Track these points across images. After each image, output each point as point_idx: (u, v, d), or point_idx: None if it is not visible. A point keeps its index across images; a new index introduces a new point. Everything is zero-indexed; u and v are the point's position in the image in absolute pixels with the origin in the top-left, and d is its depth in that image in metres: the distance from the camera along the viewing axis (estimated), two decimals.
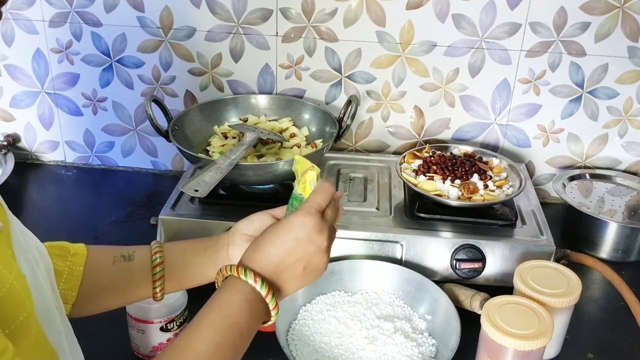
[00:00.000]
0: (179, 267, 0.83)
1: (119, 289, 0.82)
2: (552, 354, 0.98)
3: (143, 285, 0.82)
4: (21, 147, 1.47)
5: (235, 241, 0.84)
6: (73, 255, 0.79)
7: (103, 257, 0.82)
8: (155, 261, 0.82)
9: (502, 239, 1.07)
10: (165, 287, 0.83)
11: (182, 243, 0.87)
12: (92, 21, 1.33)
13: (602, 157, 1.35)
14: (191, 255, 0.85)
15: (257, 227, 0.84)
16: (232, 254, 0.84)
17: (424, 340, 0.96)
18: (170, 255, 0.83)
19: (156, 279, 0.82)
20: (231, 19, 1.30)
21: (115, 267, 0.81)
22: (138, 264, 0.82)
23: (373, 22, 1.27)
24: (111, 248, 0.84)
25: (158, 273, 0.82)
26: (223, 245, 0.84)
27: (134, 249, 0.83)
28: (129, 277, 0.82)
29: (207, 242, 0.86)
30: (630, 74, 1.26)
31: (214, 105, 1.33)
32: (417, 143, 1.39)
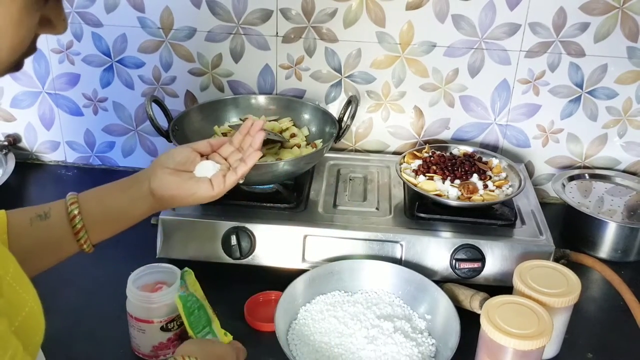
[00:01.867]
0: (99, 215, 0.82)
1: (44, 248, 0.81)
2: (551, 354, 0.98)
3: (67, 240, 0.81)
4: (22, 147, 1.48)
5: (156, 174, 0.84)
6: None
7: (20, 220, 0.79)
8: (72, 213, 0.80)
9: (501, 238, 1.07)
10: (91, 238, 0.82)
11: (98, 190, 0.86)
12: (92, 21, 1.33)
13: (601, 157, 1.36)
14: (109, 200, 0.84)
15: (178, 159, 0.86)
16: (155, 187, 0.84)
17: (423, 340, 0.96)
18: (87, 204, 0.82)
19: (77, 231, 0.81)
20: (231, 20, 1.30)
21: (33, 227, 0.79)
22: (55, 221, 0.81)
23: (373, 22, 1.27)
24: (27, 209, 0.82)
25: (78, 224, 0.80)
26: (143, 181, 0.84)
27: (49, 206, 0.82)
28: (49, 235, 0.80)
29: (125, 183, 0.86)
30: (630, 74, 1.27)
31: (214, 105, 1.33)
32: (417, 143, 1.39)
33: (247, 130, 0.94)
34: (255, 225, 1.08)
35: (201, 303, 0.91)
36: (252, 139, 0.93)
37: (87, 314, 1.04)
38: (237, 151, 0.94)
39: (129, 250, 1.17)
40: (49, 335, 1.02)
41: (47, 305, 1.06)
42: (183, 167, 0.87)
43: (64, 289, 1.09)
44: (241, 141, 0.94)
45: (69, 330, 1.00)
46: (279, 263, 1.09)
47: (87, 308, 1.05)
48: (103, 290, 1.08)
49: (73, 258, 1.16)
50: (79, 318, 1.03)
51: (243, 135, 0.95)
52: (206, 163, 0.90)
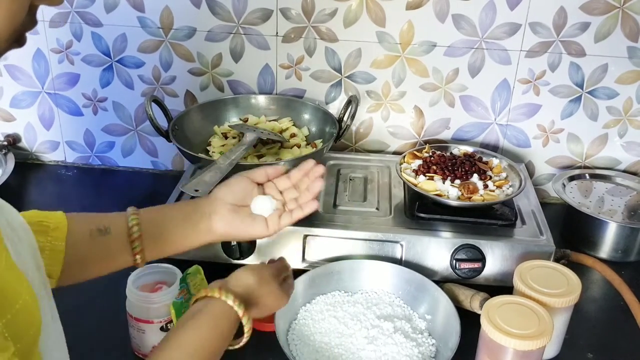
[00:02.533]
0: (158, 238, 0.83)
1: (99, 261, 0.82)
2: (551, 354, 0.98)
3: (122, 256, 0.82)
4: (21, 147, 1.48)
5: (217, 211, 0.84)
6: (54, 230, 0.78)
7: (81, 231, 0.80)
8: (133, 235, 0.81)
9: (502, 239, 1.07)
10: (146, 256, 0.82)
11: (160, 211, 0.86)
12: (92, 21, 1.33)
13: (601, 157, 1.35)
14: (171, 226, 0.84)
15: (238, 193, 0.85)
16: (216, 226, 0.84)
17: (423, 340, 0.96)
18: (148, 226, 0.82)
19: (136, 252, 0.81)
20: (231, 19, 1.30)
21: (92, 241, 0.80)
22: (115, 237, 0.81)
23: (373, 22, 1.27)
24: (87, 220, 0.82)
25: (137, 247, 0.81)
26: (204, 215, 0.84)
27: (109, 221, 0.82)
28: (107, 250, 0.81)
29: (185, 209, 0.85)
30: (630, 74, 1.27)
31: (214, 105, 1.33)
32: (417, 143, 1.39)
33: (307, 172, 0.90)
34: None
35: None
36: (310, 182, 0.89)
37: (87, 314, 1.03)
38: (293, 188, 0.90)
39: None
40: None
41: None
42: (242, 202, 0.86)
43: (63, 289, 1.08)
44: (299, 179, 0.90)
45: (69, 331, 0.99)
46: None
47: (87, 308, 1.05)
48: (103, 291, 1.07)
49: None
50: (79, 318, 1.02)
51: (301, 174, 0.90)
52: (264, 199, 0.87)
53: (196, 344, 0.68)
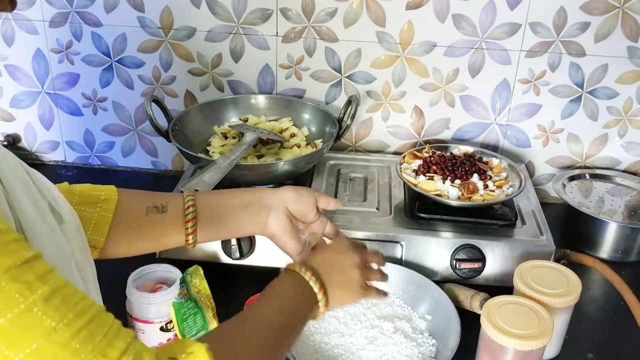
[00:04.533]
0: (214, 221, 0.84)
1: (150, 237, 0.83)
2: (552, 354, 0.98)
3: (175, 235, 0.82)
4: (21, 147, 1.48)
5: (277, 212, 0.85)
6: (103, 201, 0.79)
7: (135, 207, 0.81)
8: (189, 215, 0.82)
9: (502, 239, 1.07)
10: (198, 238, 0.83)
11: (218, 196, 0.87)
12: (92, 21, 1.33)
13: (602, 157, 1.35)
14: (228, 211, 0.85)
15: (302, 209, 0.86)
16: (272, 224, 0.85)
17: (424, 340, 0.96)
18: (205, 208, 0.83)
19: (189, 232, 0.82)
20: (231, 19, 1.30)
21: (147, 218, 0.81)
22: (171, 215, 0.82)
23: (373, 22, 1.27)
24: (143, 196, 0.83)
25: (190, 227, 0.82)
26: (264, 208, 0.85)
27: (167, 199, 0.83)
28: (161, 228, 0.82)
29: (246, 198, 0.86)
30: (630, 74, 1.26)
31: (214, 105, 1.33)
32: (417, 143, 1.39)
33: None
34: None
35: (198, 308, 0.91)
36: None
37: None
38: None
39: None
40: None
41: None
42: (298, 215, 0.87)
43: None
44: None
45: None
46: (279, 263, 1.08)
47: None
48: (103, 291, 1.07)
49: None
50: None
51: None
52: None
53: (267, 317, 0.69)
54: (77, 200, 0.77)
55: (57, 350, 0.47)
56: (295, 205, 0.86)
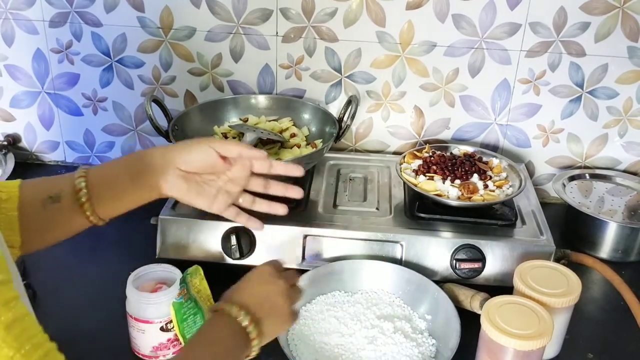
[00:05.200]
0: (108, 198, 0.82)
1: (55, 228, 0.81)
2: (552, 354, 0.98)
3: (77, 219, 0.81)
4: (21, 147, 1.47)
5: (167, 176, 0.83)
6: (5, 200, 0.78)
7: (33, 202, 0.80)
8: (82, 199, 0.80)
9: (502, 239, 1.07)
10: (100, 212, 0.82)
11: (109, 169, 0.85)
12: (92, 21, 1.33)
13: (602, 157, 1.35)
14: (120, 184, 0.83)
15: (194, 165, 0.84)
16: (165, 189, 0.83)
17: (424, 340, 0.96)
18: (96, 187, 0.81)
19: (88, 215, 0.80)
20: (231, 19, 1.30)
21: (46, 210, 0.80)
22: (66, 203, 0.80)
23: (373, 22, 1.27)
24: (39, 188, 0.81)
25: (82, 197, 0.80)
26: (153, 174, 0.83)
27: (60, 187, 0.81)
28: (62, 217, 0.81)
29: (134, 167, 0.84)
30: (630, 74, 1.26)
31: (214, 105, 1.33)
32: (417, 143, 1.39)
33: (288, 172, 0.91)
34: None
35: (198, 308, 0.91)
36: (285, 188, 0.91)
37: (86, 314, 1.03)
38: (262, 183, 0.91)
39: (128, 250, 1.17)
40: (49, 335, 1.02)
41: (47, 306, 1.06)
42: (197, 170, 0.85)
43: (63, 290, 1.08)
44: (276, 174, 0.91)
45: (69, 331, 0.99)
46: None
47: (87, 308, 1.05)
48: (103, 291, 1.07)
49: (72, 258, 1.17)
50: (79, 318, 1.02)
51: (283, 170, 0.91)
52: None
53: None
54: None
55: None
56: (187, 165, 0.83)
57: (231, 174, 0.87)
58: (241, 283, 0.81)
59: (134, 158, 0.86)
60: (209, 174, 0.86)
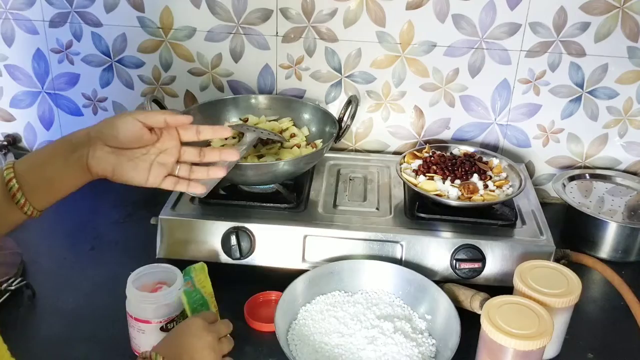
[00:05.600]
0: (40, 185, 0.80)
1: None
2: (552, 354, 0.98)
3: (12, 213, 0.79)
4: (21, 147, 1.47)
5: (96, 154, 0.81)
6: None
7: None
8: (12, 190, 0.78)
9: (502, 239, 1.07)
10: (34, 203, 0.79)
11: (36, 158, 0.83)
12: (92, 21, 1.33)
13: (602, 157, 1.35)
14: (50, 171, 0.81)
15: (122, 139, 0.81)
16: (96, 167, 0.81)
17: (424, 340, 0.96)
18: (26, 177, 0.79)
19: (21, 204, 0.78)
20: (231, 19, 1.30)
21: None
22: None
23: (373, 22, 1.27)
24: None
25: (13, 187, 0.77)
26: (82, 155, 0.81)
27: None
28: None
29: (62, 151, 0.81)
30: (630, 74, 1.26)
31: (214, 105, 1.33)
32: (417, 143, 1.39)
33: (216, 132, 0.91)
34: (255, 225, 1.08)
35: (205, 300, 0.91)
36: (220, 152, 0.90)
37: (86, 314, 1.03)
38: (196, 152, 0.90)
39: (128, 251, 1.18)
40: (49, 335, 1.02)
41: (47, 306, 1.06)
42: (126, 145, 0.82)
43: (63, 290, 1.08)
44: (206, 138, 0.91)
45: (69, 331, 0.99)
46: (279, 263, 1.09)
47: (87, 308, 1.05)
48: (103, 291, 1.07)
49: (72, 258, 1.17)
50: (79, 318, 1.02)
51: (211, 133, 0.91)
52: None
53: None
54: None
55: None
56: (114, 140, 0.81)
57: (161, 145, 0.86)
58: (171, 333, 0.82)
59: (60, 142, 0.83)
60: (139, 148, 0.84)
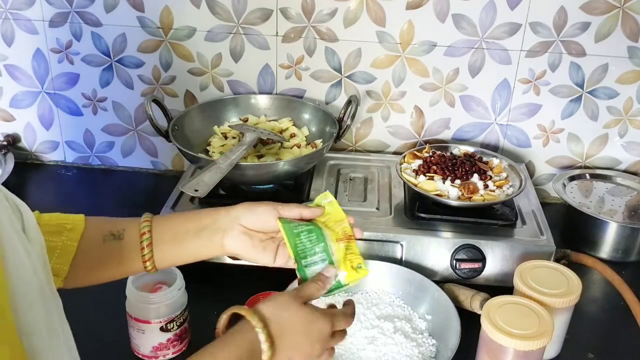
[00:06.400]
0: (170, 247, 0.82)
1: (109, 265, 0.81)
2: (552, 354, 0.98)
3: (133, 262, 0.81)
4: (21, 147, 1.47)
5: (232, 233, 0.82)
6: (70, 230, 0.79)
7: (94, 235, 0.80)
8: (144, 242, 0.80)
9: (502, 239, 1.07)
10: (157, 260, 0.82)
11: (174, 220, 0.85)
12: (92, 21, 1.33)
13: (602, 157, 1.35)
14: (183, 236, 0.83)
15: (257, 222, 0.83)
16: (228, 244, 0.82)
17: (424, 340, 0.96)
18: (161, 234, 0.82)
19: (146, 259, 0.81)
20: (231, 19, 1.30)
21: (105, 245, 0.80)
22: (127, 244, 0.81)
23: (373, 22, 1.27)
24: (103, 224, 0.82)
25: (147, 254, 0.80)
26: (218, 230, 0.83)
27: (124, 226, 0.82)
28: (119, 255, 0.81)
29: (200, 222, 0.83)
30: (630, 74, 1.26)
31: (214, 105, 1.33)
32: (417, 143, 1.39)
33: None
34: None
35: (314, 226, 0.81)
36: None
37: (86, 314, 1.03)
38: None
39: None
40: None
41: None
42: (259, 228, 0.83)
43: (63, 289, 1.08)
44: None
45: None
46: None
47: (87, 308, 1.04)
48: (103, 291, 1.07)
49: None
50: (79, 318, 1.02)
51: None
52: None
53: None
54: (44, 230, 0.74)
55: None
56: (249, 220, 0.83)
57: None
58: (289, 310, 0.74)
59: (200, 213, 0.86)
60: (270, 232, 0.85)
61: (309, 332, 0.73)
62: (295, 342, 0.72)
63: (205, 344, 0.70)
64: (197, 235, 0.83)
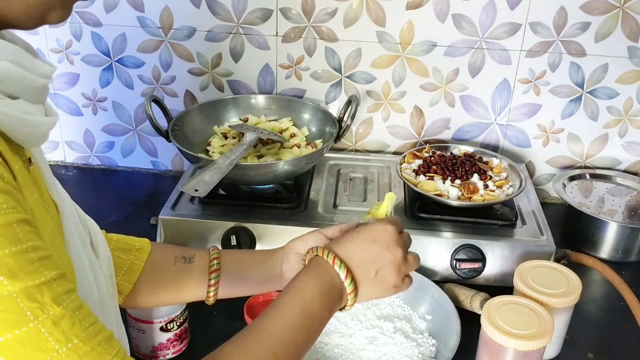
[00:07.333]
0: (235, 276, 0.86)
1: (175, 288, 0.85)
2: (552, 354, 0.98)
3: (198, 287, 0.85)
4: None
5: (289, 260, 0.86)
6: (137, 250, 0.83)
7: (165, 256, 0.85)
8: (213, 267, 0.84)
9: (502, 239, 1.07)
10: (218, 293, 0.85)
11: (239, 253, 0.91)
12: (92, 21, 1.33)
13: (602, 157, 1.35)
14: (248, 266, 0.87)
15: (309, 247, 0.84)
16: (286, 272, 0.86)
17: (424, 340, 0.96)
18: (228, 264, 0.86)
19: (211, 284, 0.84)
20: (231, 19, 1.30)
21: (175, 267, 0.84)
22: (197, 267, 0.85)
23: (373, 22, 1.27)
24: (173, 248, 0.88)
25: (214, 279, 0.84)
26: (277, 261, 0.87)
27: (194, 252, 0.86)
28: (187, 278, 0.84)
29: (263, 255, 0.88)
30: (630, 74, 1.26)
31: (214, 105, 1.33)
32: (417, 143, 1.39)
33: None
34: (255, 225, 1.08)
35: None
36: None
37: None
38: None
39: None
40: None
41: None
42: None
43: None
44: None
45: None
46: None
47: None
48: None
49: None
50: None
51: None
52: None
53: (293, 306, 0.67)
54: (113, 246, 0.80)
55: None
56: (304, 246, 0.86)
57: None
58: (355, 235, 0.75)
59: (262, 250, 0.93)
60: None
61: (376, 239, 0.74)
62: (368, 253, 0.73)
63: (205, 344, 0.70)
64: (260, 267, 0.87)
